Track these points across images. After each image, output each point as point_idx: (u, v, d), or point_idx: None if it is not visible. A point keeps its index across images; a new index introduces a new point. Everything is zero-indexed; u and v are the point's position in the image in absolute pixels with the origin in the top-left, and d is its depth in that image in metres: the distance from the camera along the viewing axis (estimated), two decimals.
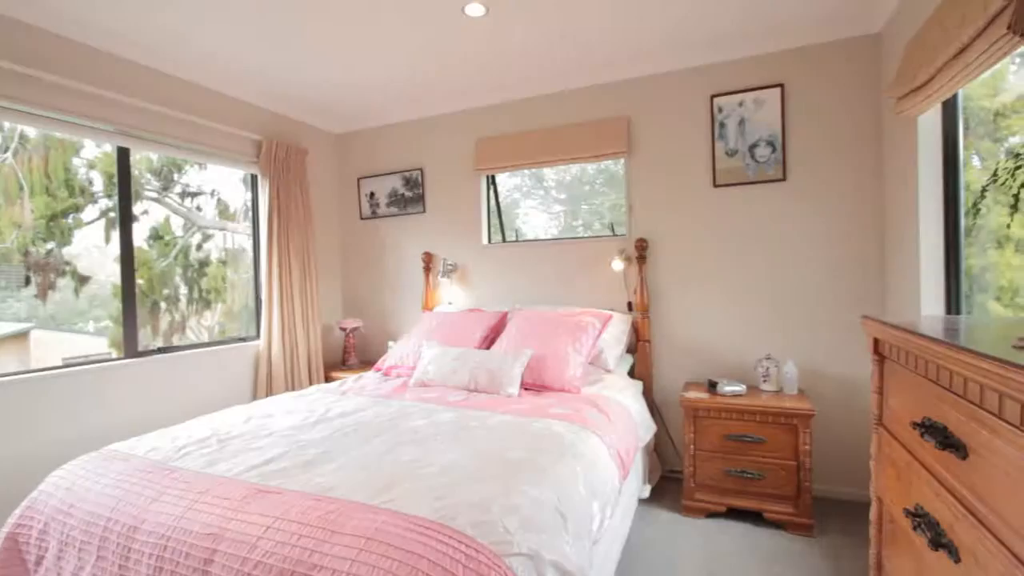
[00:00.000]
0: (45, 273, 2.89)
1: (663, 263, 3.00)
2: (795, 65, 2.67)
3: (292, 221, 3.47)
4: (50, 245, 2.85)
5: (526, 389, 2.52)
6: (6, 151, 2.77)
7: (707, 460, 2.51)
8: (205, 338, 3.45)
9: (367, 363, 3.83)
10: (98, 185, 2.92)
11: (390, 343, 3.69)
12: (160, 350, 2.93)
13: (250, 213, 3.59)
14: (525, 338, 2.73)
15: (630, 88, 3.04)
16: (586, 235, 3.45)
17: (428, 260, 3.67)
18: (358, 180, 3.99)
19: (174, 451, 1.72)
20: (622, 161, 3.16)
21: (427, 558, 1.09)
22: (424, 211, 3.75)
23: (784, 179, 2.70)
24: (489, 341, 2.95)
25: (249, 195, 3.58)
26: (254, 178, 3.50)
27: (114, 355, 2.78)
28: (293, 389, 3.38)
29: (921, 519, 1.00)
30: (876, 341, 1.31)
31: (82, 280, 2.90)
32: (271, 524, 1.25)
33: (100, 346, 2.89)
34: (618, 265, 3.01)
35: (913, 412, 1.09)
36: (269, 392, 3.32)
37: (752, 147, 2.74)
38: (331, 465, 1.59)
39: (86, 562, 1.40)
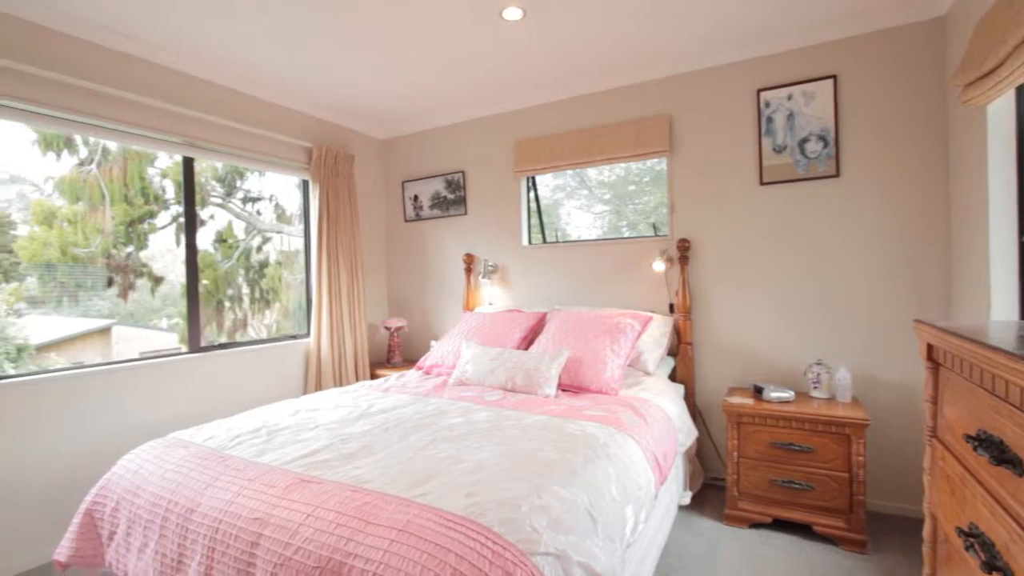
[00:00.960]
0: (125, 274, 3.16)
1: (706, 264, 2.92)
2: (850, 54, 2.53)
3: (340, 224, 3.62)
4: (129, 249, 3.12)
5: (563, 390, 2.52)
6: (91, 163, 3.06)
7: (752, 468, 2.42)
8: (264, 335, 3.66)
9: (410, 361, 3.93)
10: (170, 192, 3.15)
11: (432, 342, 3.78)
12: (220, 346, 3.13)
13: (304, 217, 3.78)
14: (563, 339, 2.73)
15: (672, 85, 2.97)
16: (627, 236, 3.40)
17: (469, 261, 3.73)
18: (402, 183, 4.11)
19: (228, 440, 1.84)
20: (664, 160, 3.10)
21: (455, 552, 1.12)
22: (466, 213, 3.82)
23: (837, 175, 2.56)
24: (528, 342, 2.97)
25: (302, 200, 3.77)
26: (305, 183, 3.68)
27: (183, 350, 3.01)
28: (340, 385, 3.52)
29: (975, 539, 0.93)
30: (929, 347, 1.23)
31: (156, 280, 3.15)
32: (311, 512, 1.32)
33: (171, 341, 3.12)
34: (659, 266, 2.96)
35: (967, 424, 1.02)
36: (318, 387, 3.47)
37: (802, 142, 2.61)
38: (370, 459, 1.65)
39: (150, 539, 1.52)
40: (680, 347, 2.92)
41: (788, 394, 2.44)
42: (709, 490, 2.80)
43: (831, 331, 2.61)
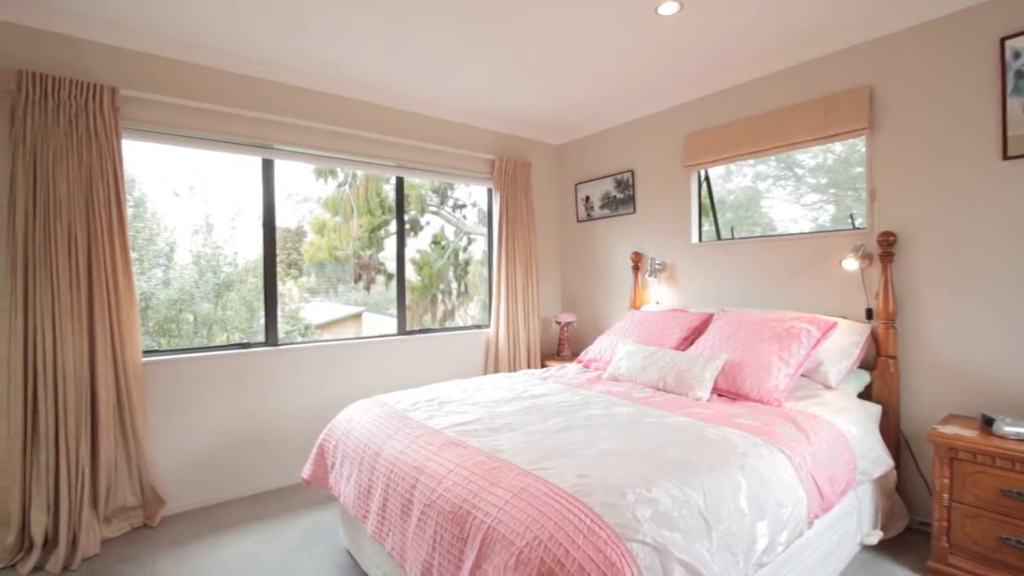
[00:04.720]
0: (368, 271, 4.08)
1: (918, 261, 2.40)
2: None
3: (517, 226, 4.00)
4: (371, 251, 4.02)
5: (720, 395, 2.39)
6: (345, 185, 4.03)
7: (970, 517, 1.93)
8: (469, 323, 4.31)
9: (577, 355, 4.11)
10: None
11: (599, 338, 3.89)
12: (420, 331, 3.79)
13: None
14: (725, 341, 2.57)
15: (870, 51, 2.51)
16: (811, 230, 2.98)
17: (637, 260, 3.73)
18: (575, 186, 4.30)
19: (409, 405, 2.29)
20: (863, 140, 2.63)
21: (554, 520, 1.26)
22: (634, 211, 3.82)
23: None
24: (689, 342, 2.87)
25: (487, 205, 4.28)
26: (490, 191, 4.17)
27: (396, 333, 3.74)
28: (513, 371, 3.90)
29: None
30: None
31: (389, 277, 3.98)
32: (453, 468, 1.60)
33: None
34: (851, 264, 2.53)
35: None
36: (495, 371, 3.92)
37: None
38: (509, 434, 1.89)
39: (353, 472, 2.02)
40: (878, 360, 2.46)
41: None
42: (913, 535, 2.31)
43: None
